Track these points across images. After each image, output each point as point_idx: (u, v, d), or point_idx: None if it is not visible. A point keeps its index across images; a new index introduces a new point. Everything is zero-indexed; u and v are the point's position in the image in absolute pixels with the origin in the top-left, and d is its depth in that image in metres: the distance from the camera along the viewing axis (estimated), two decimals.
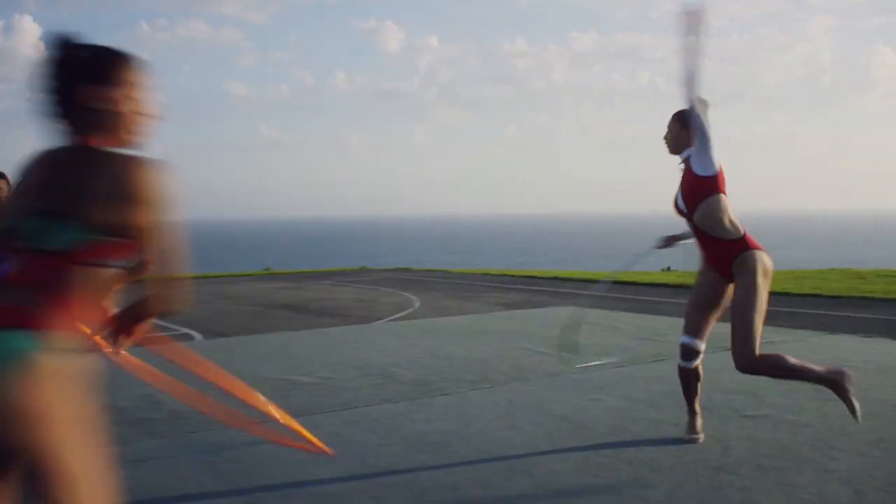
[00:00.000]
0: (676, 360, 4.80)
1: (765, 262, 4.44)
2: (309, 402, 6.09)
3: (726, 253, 4.48)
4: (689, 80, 4.38)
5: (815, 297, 13.38)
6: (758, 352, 4.33)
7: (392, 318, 11.66)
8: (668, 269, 24.21)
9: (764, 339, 8.29)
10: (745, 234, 4.47)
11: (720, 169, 4.45)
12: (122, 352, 2.45)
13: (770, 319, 10.29)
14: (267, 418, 4.23)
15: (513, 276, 20.40)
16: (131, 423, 5.45)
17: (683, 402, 4.94)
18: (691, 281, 4.89)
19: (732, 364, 4.48)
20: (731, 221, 4.46)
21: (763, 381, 6.33)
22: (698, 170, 4.44)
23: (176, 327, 10.52)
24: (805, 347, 7.94)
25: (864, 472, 4.20)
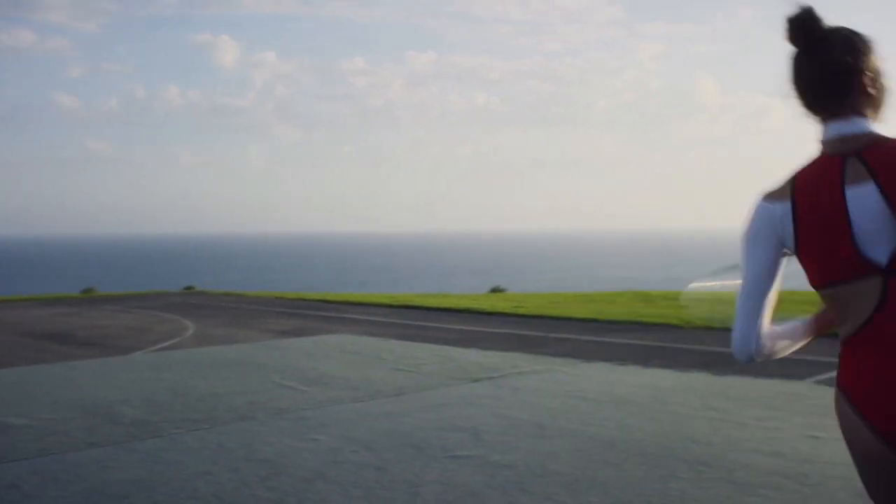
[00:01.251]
0: None
1: None
2: (1, 448, 5.61)
3: None
4: None
5: (595, 322, 13.64)
6: None
7: (155, 347, 11.16)
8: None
9: (515, 367, 8.37)
10: None
11: None
12: None
13: (534, 346, 10.40)
14: None
15: (306, 299, 20.08)
16: None
17: None
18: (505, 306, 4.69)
19: (450, 398, 4.31)
20: None
21: (485, 416, 6.29)
22: None
23: None
24: (551, 378, 7.97)
25: None
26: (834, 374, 1.97)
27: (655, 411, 6.51)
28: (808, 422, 6.05)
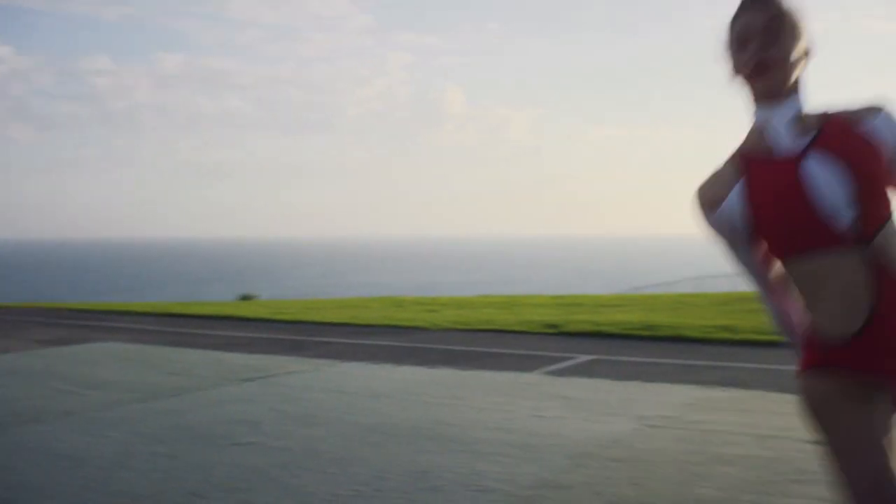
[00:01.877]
0: None
1: None
2: None
3: None
4: None
5: (351, 326, 14.58)
6: None
7: None
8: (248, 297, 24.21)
9: (282, 367, 9.19)
10: None
11: None
12: None
13: (297, 349, 11.20)
14: None
15: (67, 308, 19.86)
16: None
17: None
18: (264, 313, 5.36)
19: (226, 396, 5.05)
20: None
21: (261, 410, 7.11)
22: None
23: None
24: (315, 377, 8.88)
25: (323, 486, 5.01)
26: (554, 367, 2.87)
27: (408, 401, 7.55)
28: (534, 404, 7.28)
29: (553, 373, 9.22)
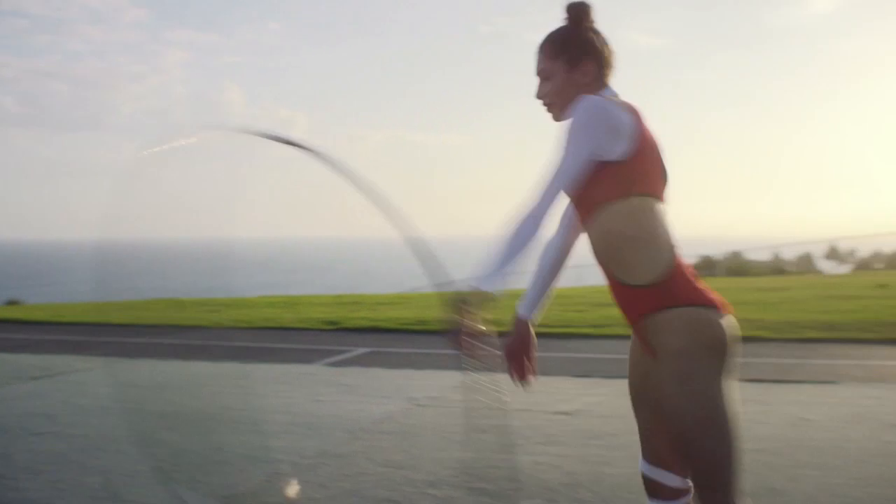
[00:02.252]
0: None
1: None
2: None
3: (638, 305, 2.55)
4: None
5: (135, 326, 14.69)
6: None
7: None
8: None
9: (69, 366, 9.46)
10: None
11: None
12: None
13: (83, 349, 11.37)
14: None
15: None
16: None
17: None
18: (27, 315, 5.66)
19: (17, 394, 5.43)
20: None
21: (54, 404, 7.47)
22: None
23: None
24: (102, 373, 9.25)
25: (123, 464, 5.53)
26: (333, 359, 3.48)
27: (196, 391, 8.13)
28: (314, 391, 8.02)
29: (332, 364, 9.98)
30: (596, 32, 2.62)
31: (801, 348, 10.72)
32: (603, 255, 2.52)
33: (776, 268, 43.34)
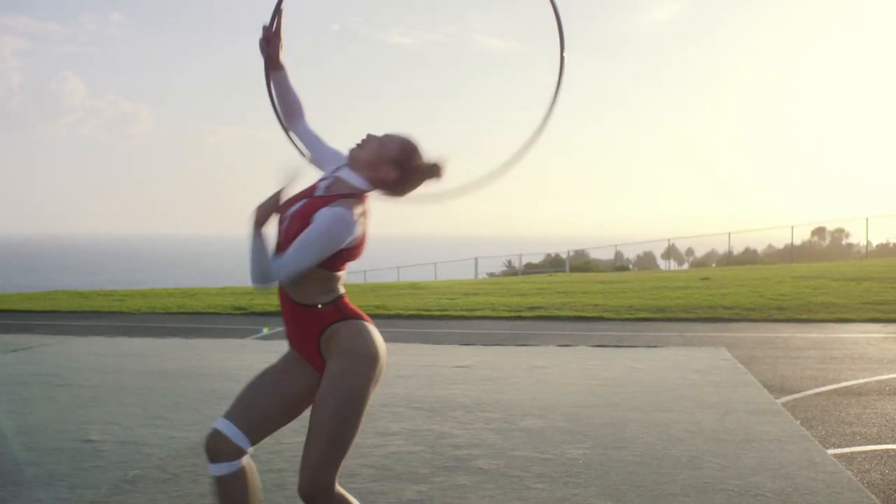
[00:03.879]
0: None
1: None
2: None
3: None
4: None
5: (56, 313, 16.14)
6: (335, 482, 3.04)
7: None
8: None
9: (35, 342, 11.11)
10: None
11: None
12: None
13: (31, 331, 12.89)
14: None
15: None
16: None
17: None
18: None
19: None
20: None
21: (52, 366, 9.26)
22: None
23: None
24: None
25: (145, 403, 7.43)
26: (257, 335, 5.28)
27: (167, 357, 10.00)
28: (261, 356, 10.02)
29: (260, 338, 12.04)
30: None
31: (635, 325, 13.42)
32: (293, 282, 3.10)
33: (619, 265, 47.00)
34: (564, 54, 3.78)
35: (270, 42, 3.51)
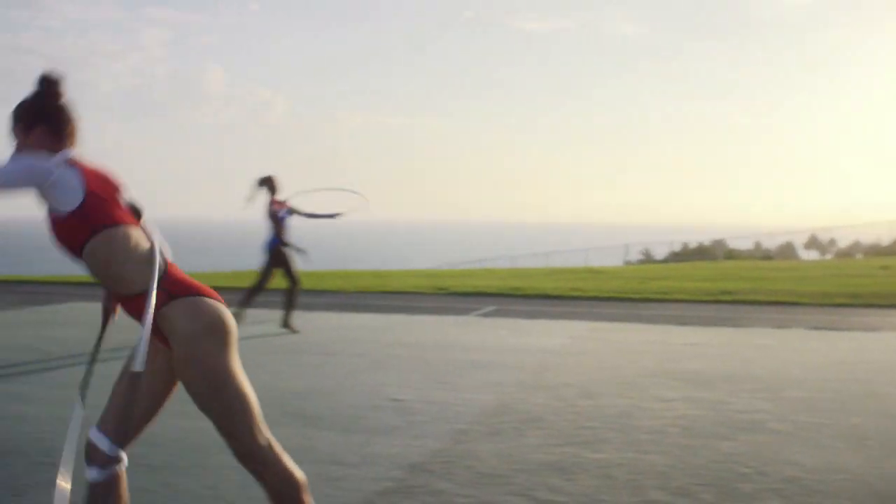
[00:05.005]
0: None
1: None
2: None
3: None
4: None
5: None
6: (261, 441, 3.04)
7: None
8: None
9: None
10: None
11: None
12: None
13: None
14: None
15: None
16: None
17: None
18: None
19: None
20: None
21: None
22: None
23: None
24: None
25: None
26: (475, 313, 5.81)
27: (389, 332, 10.77)
28: (492, 332, 10.69)
29: (479, 315, 12.75)
30: (60, 104, 3.08)
31: (838, 311, 13.62)
32: (104, 280, 2.98)
33: (764, 255, 46.24)
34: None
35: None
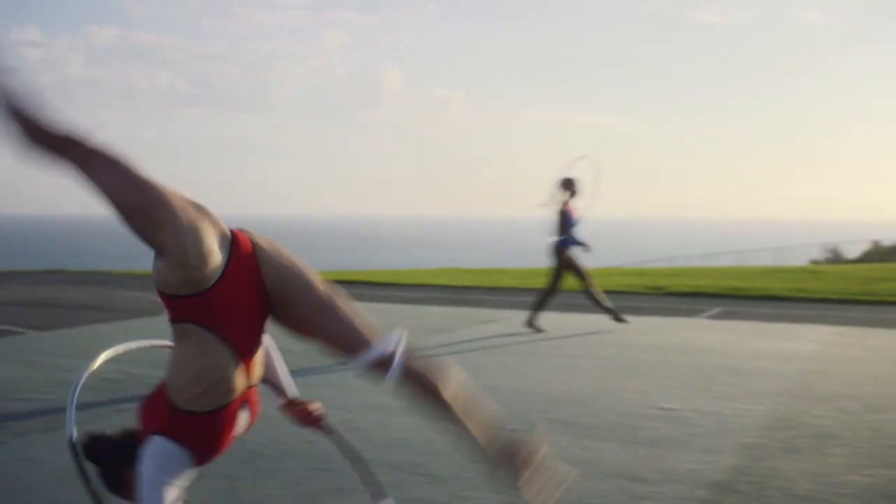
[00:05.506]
0: None
1: None
2: None
3: None
4: None
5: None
6: None
7: None
8: None
9: None
10: None
11: None
12: None
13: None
14: None
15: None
16: None
17: None
18: None
19: None
20: None
21: None
22: None
23: None
24: None
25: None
26: (703, 315, 5.19)
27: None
28: (735, 335, 10.15)
29: (709, 317, 12.20)
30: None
31: None
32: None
33: None
34: None
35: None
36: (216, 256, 2.47)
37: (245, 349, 2.59)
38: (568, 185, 10.50)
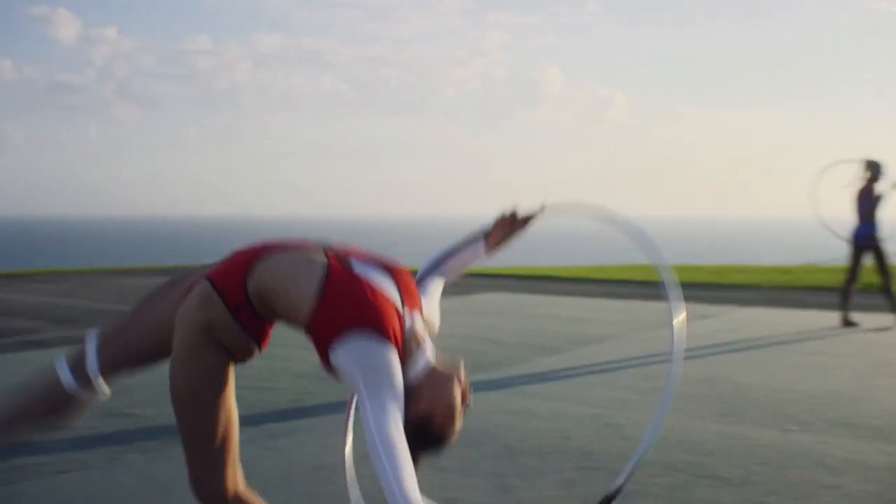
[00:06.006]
0: None
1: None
2: None
3: None
4: None
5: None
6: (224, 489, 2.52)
7: None
8: None
9: None
10: None
11: None
12: None
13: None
14: None
15: None
16: None
17: None
18: None
19: None
20: None
21: None
22: None
23: None
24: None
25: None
26: None
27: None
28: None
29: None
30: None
31: None
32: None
33: None
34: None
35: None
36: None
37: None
38: (872, 168, 9.94)
